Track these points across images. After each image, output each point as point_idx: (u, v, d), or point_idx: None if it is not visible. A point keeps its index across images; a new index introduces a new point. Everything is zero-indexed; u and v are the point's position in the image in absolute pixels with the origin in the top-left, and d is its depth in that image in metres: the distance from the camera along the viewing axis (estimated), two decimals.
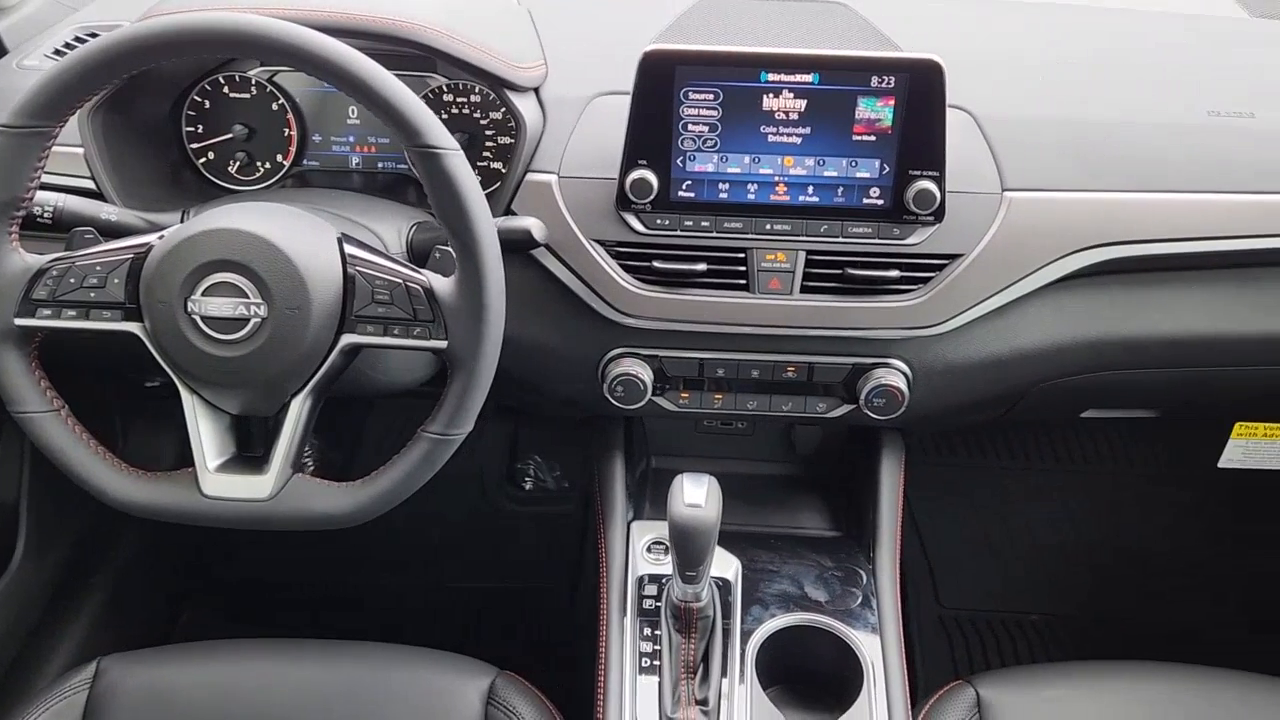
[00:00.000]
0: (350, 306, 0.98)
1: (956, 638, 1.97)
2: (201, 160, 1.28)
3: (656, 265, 1.15)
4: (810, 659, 1.21)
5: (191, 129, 1.27)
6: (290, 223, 0.99)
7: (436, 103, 1.26)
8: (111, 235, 1.04)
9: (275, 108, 1.27)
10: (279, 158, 1.29)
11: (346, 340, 0.99)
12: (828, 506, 1.45)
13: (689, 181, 1.14)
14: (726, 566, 1.25)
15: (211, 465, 1.02)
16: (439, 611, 2.02)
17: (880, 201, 1.14)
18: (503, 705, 1.17)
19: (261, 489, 1.00)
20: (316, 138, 1.30)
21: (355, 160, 1.31)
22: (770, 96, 1.10)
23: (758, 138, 1.12)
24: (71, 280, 0.97)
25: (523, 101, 1.19)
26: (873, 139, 1.11)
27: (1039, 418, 1.76)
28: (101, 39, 0.92)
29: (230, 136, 1.27)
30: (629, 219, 1.15)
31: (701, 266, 1.15)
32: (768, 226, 1.15)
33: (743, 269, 1.16)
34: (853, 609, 1.24)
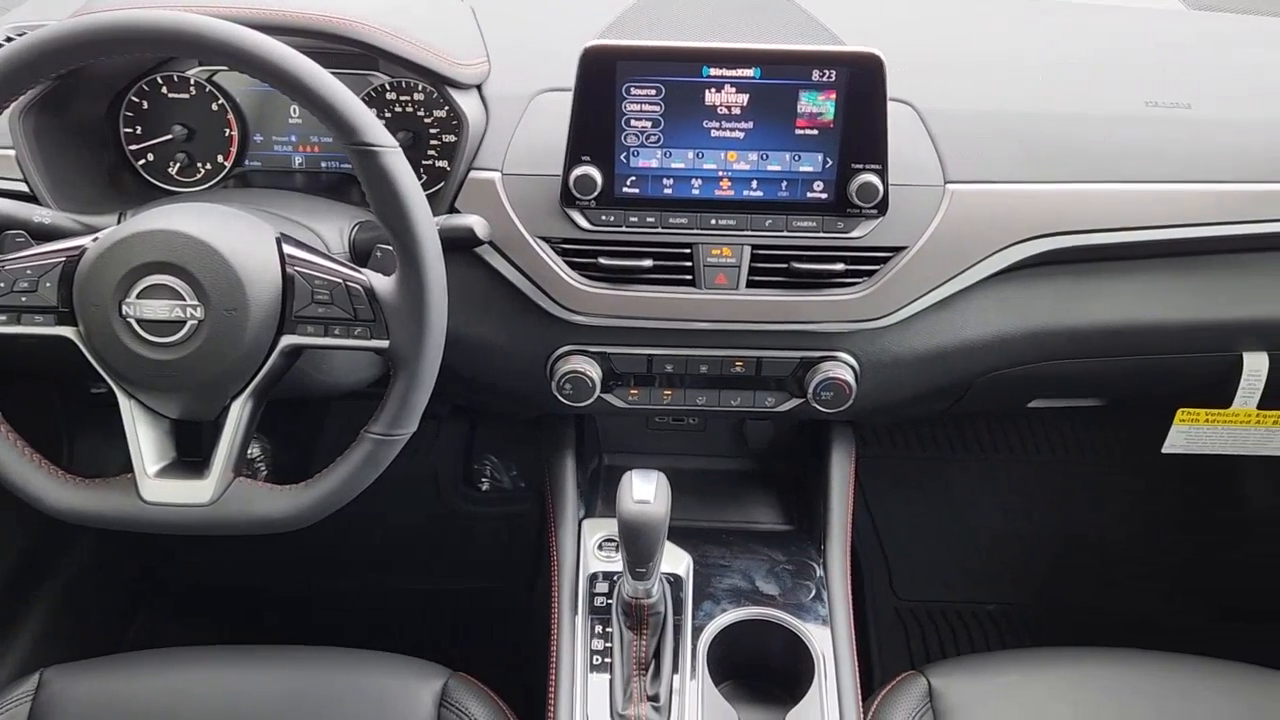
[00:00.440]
0: (290, 307, 0.97)
1: (913, 629, 1.98)
2: (141, 162, 1.26)
3: (602, 261, 1.15)
4: (762, 653, 1.22)
5: (130, 130, 1.25)
6: (227, 223, 0.97)
7: (379, 101, 1.24)
8: (45, 239, 1.02)
9: (215, 108, 1.25)
10: (220, 158, 1.27)
11: (286, 341, 0.98)
12: (780, 500, 1.45)
13: (633, 177, 1.14)
14: (678, 562, 1.25)
15: (151, 471, 1.00)
16: (395, 614, 2.00)
17: (824, 195, 1.14)
18: (455, 707, 1.16)
19: (202, 494, 0.99)
20: (258, 138, 1.28)
21: (298, 160, 1.30)
22: (712, 91, 1.10)
23: (701, 133, 1.12)
24: (1, 284, 0.95)
25: (465, 99, 1.19)
26: (815, 133, 1.11)
27: (987, 409, 1.78)
28: (27, 37, 0.90)
29: (170, 137, 1.25)
30: (574, 215, 1.15)
31: (647, 262, 1.15)
32: (713, 221, 1.15)
33: (689, 264, 1.16)
34: (804, 602, 1.24)
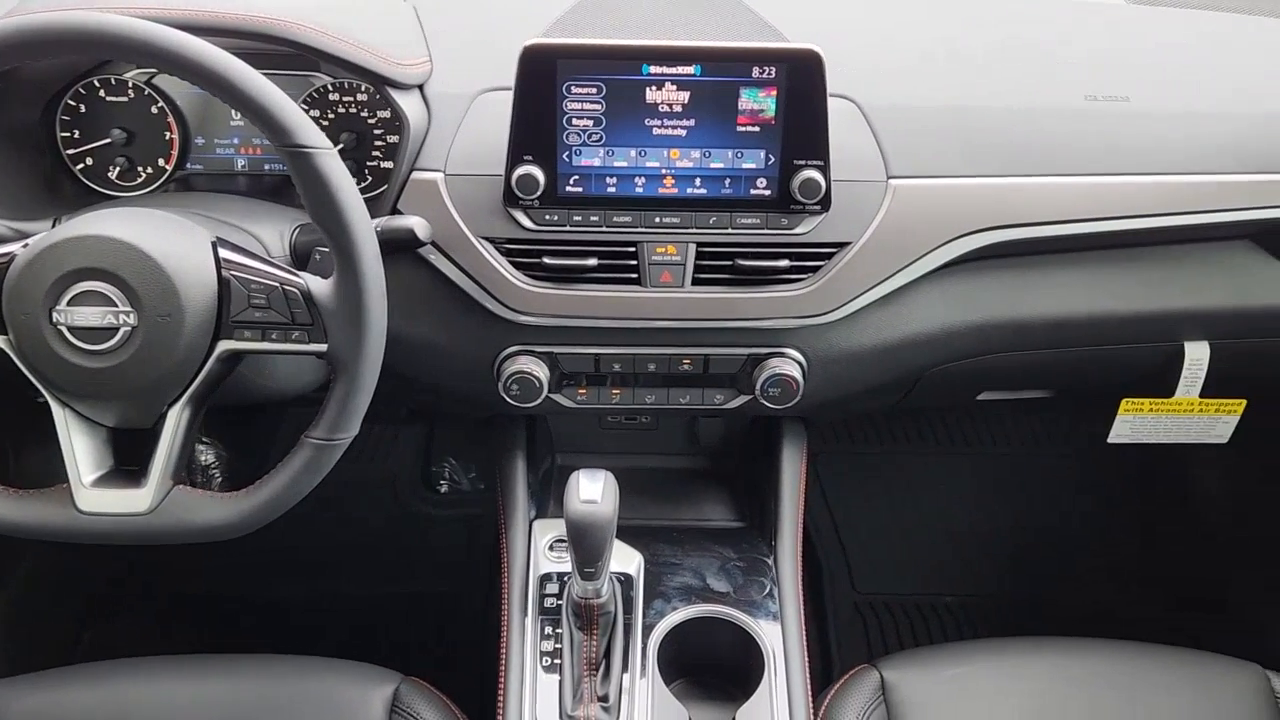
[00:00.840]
0: (226, 312, 0.96)
1: (872, 623, 1.99)
2: (79, 166, 1.25)
3: (546, 261, 1.15)
4: (713, 650, 1.22)
5: (67, 134, 1.23)
6: (160, 228, 0.96)
7: (322, 102, 1.23)
8: None
9: (155, 111, 1.24)
10: (161, 162, 1.26)
11: (223, 347, 0.97)
12: (732, 498, 1.46)
13: (576, 176, 1.13)
14: (628, 561, 1.25)
15: (87, 480, 0.99)
16: (353, 619, 1.99)
17: (767, 192, 1.14)
18: (407, 712, 1.16)
19: (140, 503, 0.98)
20: (199, 141, 1.26)
21: (241, 162, 1.28)
22: (653, 89, 1.10)
23: (643, 131, 1.12)
24: None
25: (406, 99, 1.18)
26: (757, 130, 1.12)
27: (937, 402, 1.79)
28: None
29: (109, 141, 1.23)
30: (517, 215, 1.14)
31: (592, 261, 1.15)
32: (657, 220, 1.15)
33: (634, 263, 1.16)
34: (755, 599, 1.24)
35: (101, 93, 1.22)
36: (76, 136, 1.23)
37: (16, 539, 1.01)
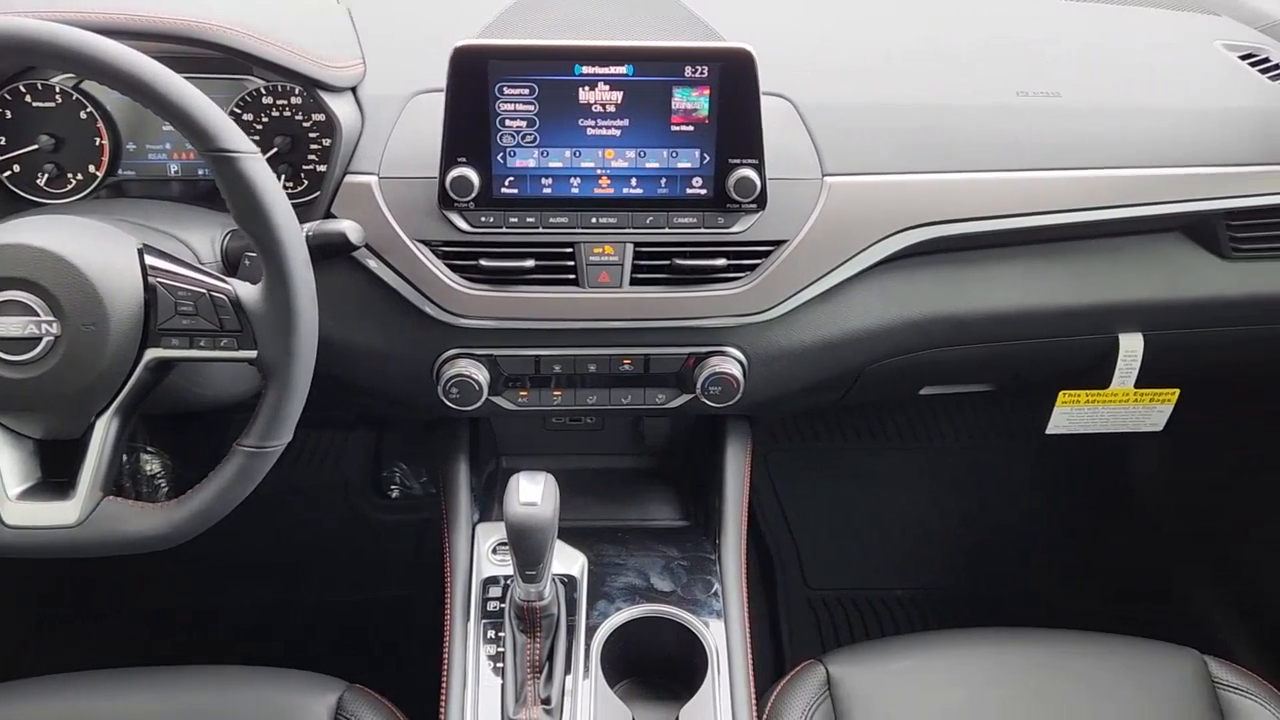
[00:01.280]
0: (153, 320, 0.95)
1: (824, 618, 2.00)
2: (6, 174, 1.22)
3: (483, 263, 1.14)
4: (658, 650, 1.22)
5: None
6: (83, 235, 0.94)
7: (255, 106, 1.22)
8: None
9: (84, 116, 1.21)
10: (91, 168, 1.23)
11: (151, 355, 0.95)
12: (677, 497, 1.46)
13: (511, 177, 1.13)
14: (572, 563, 1.25)
15: (13, 493, 0.97)
16: (303, 627, 1.97)
17: (703, 191, 1.14)
18: (351, 719, 1.15)
19: (68, 515, 0.96)
20: (131, 146, 1.24)
21: (174, 168, 1.26)
22: (586, 89, 1.10)
23: (577, 131, 1.11)
24: None
25: (337, 101, 1.17)
26: (691, 129, 1.12)
27: (880, 398, 1.80)
28: None
29: (36, 147, 1.21)
30: (453, 218, 1.14)
31: (529, 263, 1.14)
32: (594, 220, 1.15)
33: (571, 264, 1.16)
34: (699, 597, 1.24)
35: (28, 98, 1.20)
36: (2, 143, 1.21)
37: None
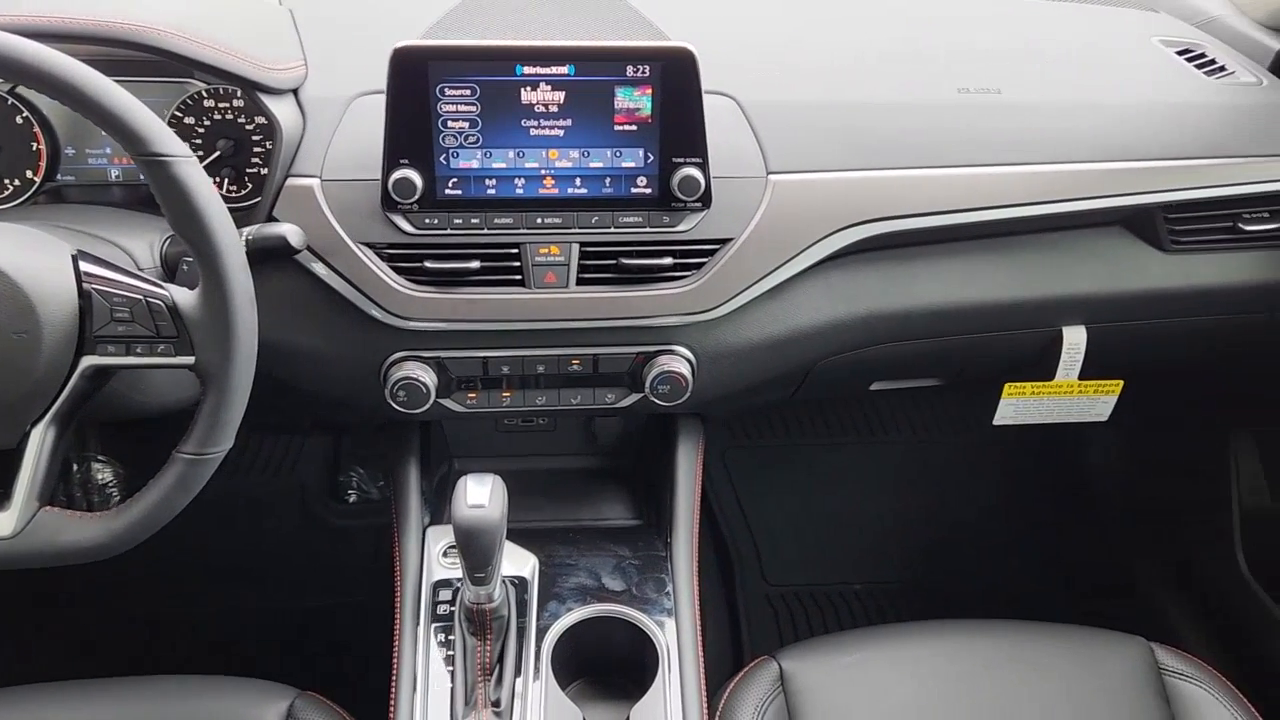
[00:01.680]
0: (88, 327, 0.93)
1: (783, 613, 2.01)
2: None
3: (428, 265, 1.13)
4: (610, 650, 1.22)
5: None
6: (15, 242, 0.93)
7: (197, 109, 1.21)
8: None
9: (20, 121, 1.20)
10: (29, 174, 1.21)
11: (87, 362, 0.94)
12: (630, 496, 1.46)
13: (454, 179, 1.12)
14: (523, 564, 1.24)
15: None
16: (261, 634, 1.95)
17: (648, 190, 1.14)
18: None
19: (3, 527, 0.94)
20: (70, 151, 1.23)
21: (115, 173, 1.25)
22: (528, 90, 1.10)
23: (520, 132, 1.11)
24: None
25: (278, 104, 1.16)
26: (634, 128, 1.12)
27: (831, 394, 1.81)
28: None
29: None
30: (396, 220, 1.13)
31: (475, 264, 1.14)
32: (539, 220, 1.14)
33: (517, 264, 1.15)
34: (650, 596, 1.24)
35: None
36: None
37: None
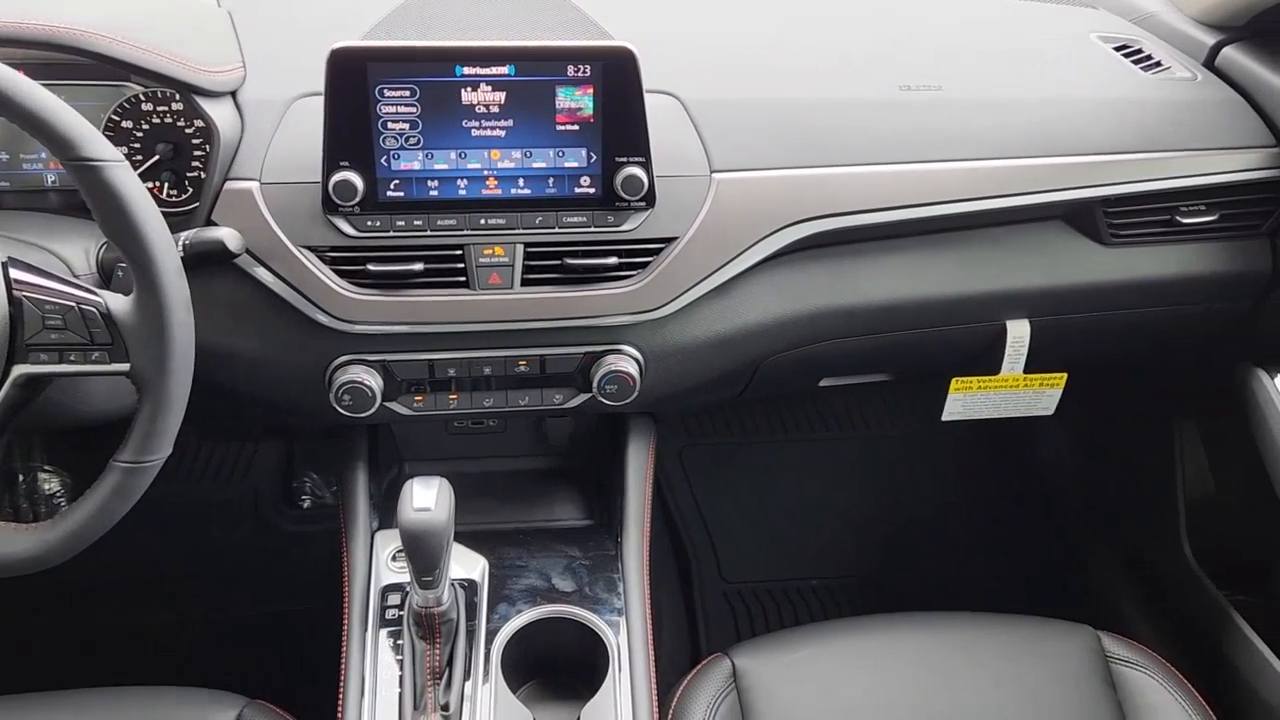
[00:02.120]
0: (19, 335, 0.92)
1: (740, 610, 2.02)
2: None
3: (371, 268, 1.13)
4: (560, 651, 1.21)
5: None
6: None
7: (135, 112, 1.19)
8: None
9: None
10: None
11: (18, 371, 0.92)
12: (581, 497, 1.45)
13: (396, 180, 1.11)
14: (472, 567, 1.24)
15: None
16: (215, 643, 1.93)
17: (592, 190, 1.14)
18: None
19: None
20: (4, 156, 1.20)
21: (50, 178, 1.23)
22: (468, 90, 1.09)
23: (461, 132, 1.11)
24: None
25: (215, 106, 1.14)
26: (576, 128, 1.12)
27: (780, 391, 1.82)
28: None
29: None
30: (338, 223, 1.12)
31: (418, 266, 1.13)
32: (482, 221, 1.14)
33: (461, 266, 1.15)
34: (601, 596, 1.24)
35: None
36: None
37: None
